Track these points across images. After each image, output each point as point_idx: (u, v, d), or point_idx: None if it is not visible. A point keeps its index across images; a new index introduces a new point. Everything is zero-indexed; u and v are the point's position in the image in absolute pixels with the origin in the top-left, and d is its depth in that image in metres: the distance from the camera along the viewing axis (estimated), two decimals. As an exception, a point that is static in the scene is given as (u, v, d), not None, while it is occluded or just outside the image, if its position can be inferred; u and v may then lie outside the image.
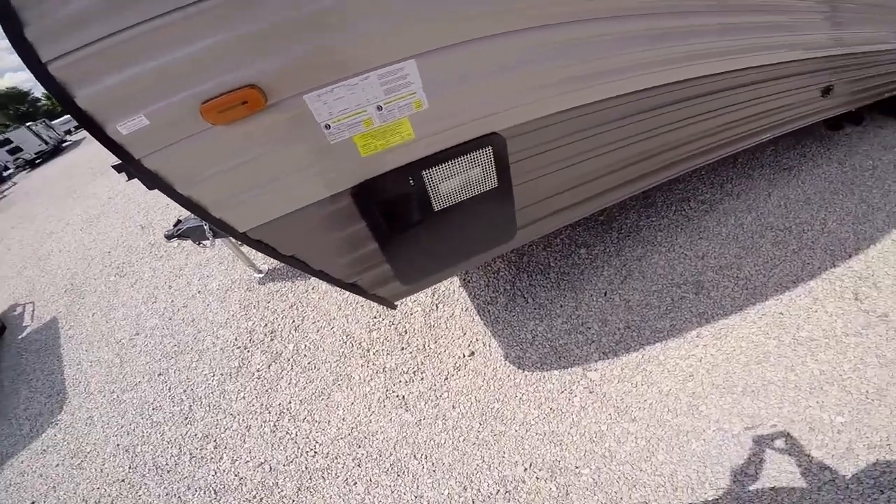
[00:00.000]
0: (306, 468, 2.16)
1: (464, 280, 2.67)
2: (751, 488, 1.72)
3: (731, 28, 2.03)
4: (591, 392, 2.14)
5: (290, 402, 2.46)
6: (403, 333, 2.50)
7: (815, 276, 2.41)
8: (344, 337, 2.65)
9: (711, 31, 1.94)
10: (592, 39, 1.50)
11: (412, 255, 1.73)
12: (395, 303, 1.97)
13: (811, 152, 3.84)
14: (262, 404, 2.50)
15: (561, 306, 2.42)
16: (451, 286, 2.66)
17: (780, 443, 1.83)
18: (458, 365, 2.32)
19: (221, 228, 1.36)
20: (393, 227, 1.57)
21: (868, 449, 1.73)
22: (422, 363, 2.39)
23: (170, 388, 2.85)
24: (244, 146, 1.20)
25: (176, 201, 1.25)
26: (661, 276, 2.48)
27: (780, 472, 1.73)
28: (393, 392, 2.32)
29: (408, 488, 1.97)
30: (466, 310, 2.53)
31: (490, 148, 1.52)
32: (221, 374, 2.78)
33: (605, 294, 2.43)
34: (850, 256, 2.52)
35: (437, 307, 2.58)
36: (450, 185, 1.54)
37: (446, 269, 1.94)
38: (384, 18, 1.13)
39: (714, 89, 2.10)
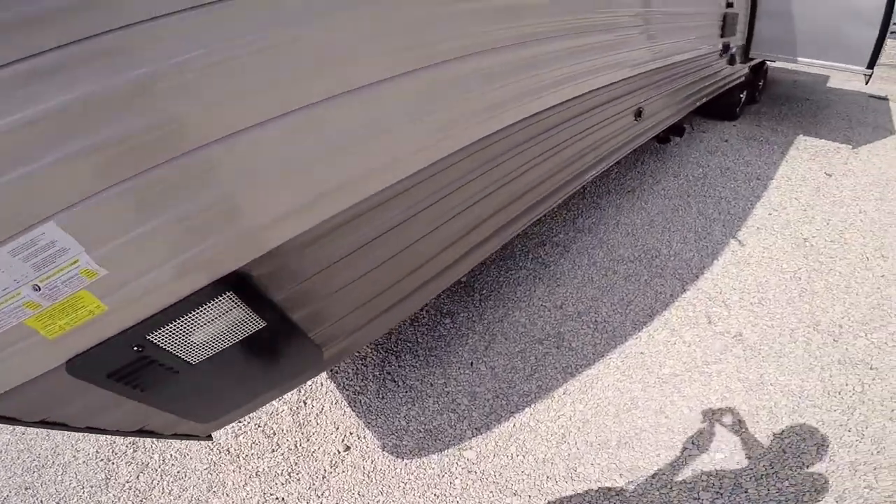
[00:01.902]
0: None
1: (331, 372, 2.58)
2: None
3: (535, 61, 1.96)
4: (469, 472, 2.13)
5: (164, 520, 2.24)
6: (272, 435, 2.35)
7: (669, 304, 2.61)
8: (209, 444, 2.47)
9: (519, 64, 1.86)
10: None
11: (192, 404, 1.52)
12: (210, 434, 1.79)
13: (649, 169, 4.23)
14: (139, 517, 2.26)
15: (431, 385, 2.40)
16: (318, 379, 2.56)
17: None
18: (334, 462, 2.22)
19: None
20: (144, 389, 1.33)
21: (756, 481, 1.84)
22: (295, 463, 2.26)
23: (41, 501, 2.53)
24: None
25: None
26: (524, 334, 2.54)
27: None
28: (271, 495, 2.18)
29: None
30: (337, 402, 2.43)
31: (229, 293, 1.25)
32: (91, 486, 2.50)
33: (472, 364, 2.45)
34: (697, 277, 2.76)
35: (306, 403, 2.45)
36: (197, 339, 1.31)
37: (248, 405, 1.74)
38: None
39: (531, 135, 2.06)
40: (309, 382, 2.53)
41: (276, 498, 2.14)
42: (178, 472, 2.41)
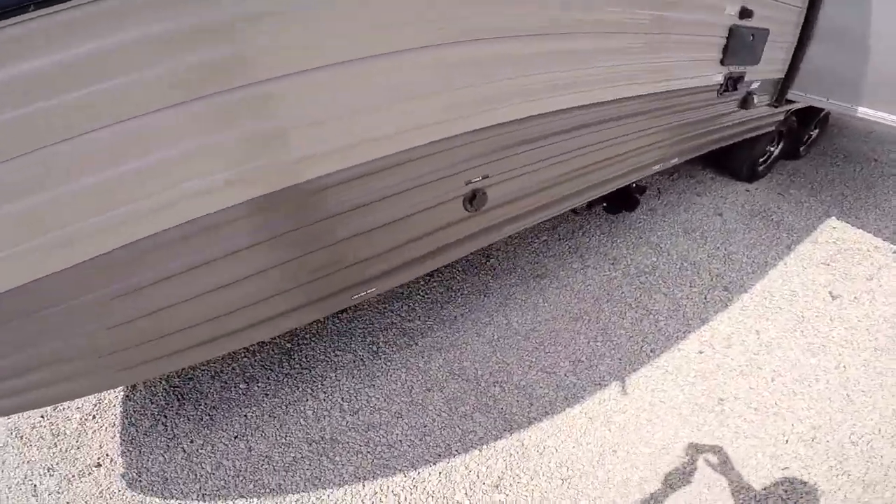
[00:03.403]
0: None
1: (127, 390, 2.76)
2: None
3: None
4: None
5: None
6: (56, 434, 2.63)
7: (469, 450, 2.43)
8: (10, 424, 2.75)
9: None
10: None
11: None
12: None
13: (588, 244, 3.61)
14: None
15: (191, 441, 2.53)
16: (114, 398, 2.74)
17: None
18: (83, 472, 2.47)
19: None
20: None
21: None
22: (58, 463, 2.47)
23: None
24: None
25: None
26: (301, 428, 2.54)
27: None
28: (30, 481, 2.49)
29: None
30: (114, 425, 2.65)
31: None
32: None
33: (236, 438, 2.52)
34: (527, 424, 2.51)
35: (94, 417, 2.68)
36: None
37: None
38: None
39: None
40: (106, 397, 2.73)
41: (32, 484, 2.45)
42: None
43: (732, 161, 4.23)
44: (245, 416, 2.60)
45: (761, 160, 4.35)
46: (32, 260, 1.44)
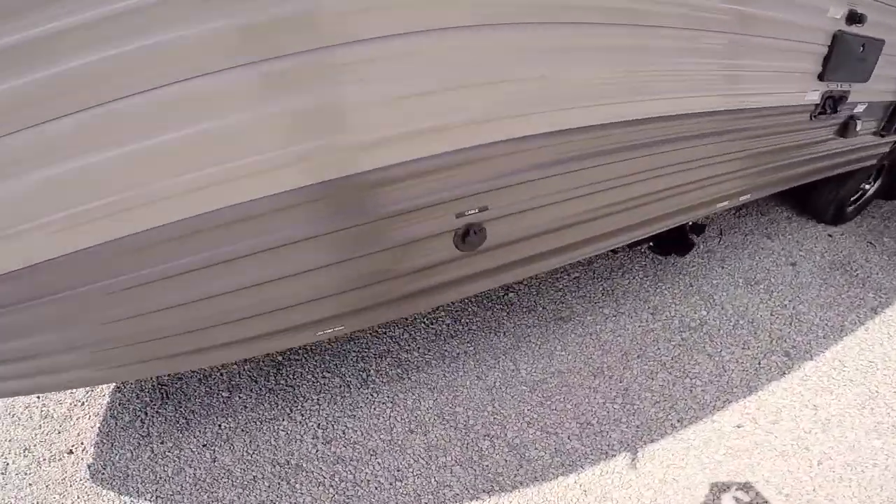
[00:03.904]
0: None
1: (118, 387, 2.75)
2: None
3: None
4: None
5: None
6: (45, 416, 2.67)
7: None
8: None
9: None
10: None
11: None
12: None
13: (626, 287, 3.14)
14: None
15: (162, 442, 2.45)
16: (104, 390, 2.74)
17: None
18: (55, 456, 2.47)
19: None
20: None
21: None
22: (35, 445, 2.50)
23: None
24: None
25: None
26: (270, 447, 2.39)
27: None
28: (4, 459, 2.50)
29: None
30: (97, 415, 2.63)
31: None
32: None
33: (205, 446, 2.42)
34: (513, 487, 2.20)
35: (82, 404, 2.70)
36: None
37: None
38: None
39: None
40: (99, 389, 2.75)
41: (5, 462, 2.48)
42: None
43: (816, 198, 3.52)
44: (219, 425, 2.49)
45: (852, 199, 3.57)
46: (56, 237, 1.34)
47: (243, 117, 1.26)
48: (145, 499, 2.25)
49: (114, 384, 2.74)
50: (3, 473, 2.39)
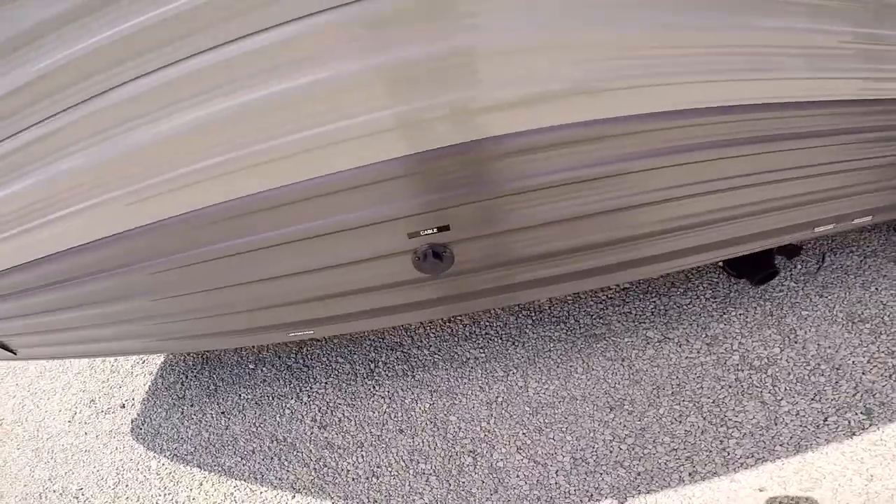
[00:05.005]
0: None
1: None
2: None
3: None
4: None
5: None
6: (115, 371, 3.15)
7: None
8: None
9: None
10: None
11: None
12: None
13: (688, 311, 2.62)
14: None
15: (192, 405, 2.76)
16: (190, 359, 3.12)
17: None
18: (109, 410, 2.91)
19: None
20: None
21: None
22: (95, 400, 2.96)
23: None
24: None
25: None
26: (275, 423, 2.56)
27: None
28: (75, 408, 3.01)
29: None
30: (152, 373, 3.03)
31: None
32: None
33: (223, 413, 2.66)
34: None
35: (145, 361, 3.12)
36: None
37: None
38: None
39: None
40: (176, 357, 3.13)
41: (74, 411, 2.96)
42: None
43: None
44: (239, 395, 2.71)
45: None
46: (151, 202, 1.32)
47: (351, 68, 1.09)
48: (165, 456, 2.55)
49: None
50: (70, 421, 2.86)
